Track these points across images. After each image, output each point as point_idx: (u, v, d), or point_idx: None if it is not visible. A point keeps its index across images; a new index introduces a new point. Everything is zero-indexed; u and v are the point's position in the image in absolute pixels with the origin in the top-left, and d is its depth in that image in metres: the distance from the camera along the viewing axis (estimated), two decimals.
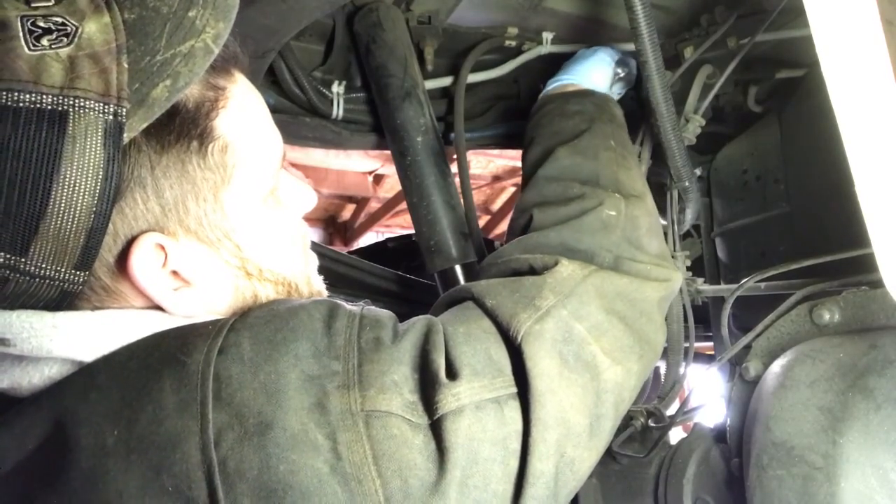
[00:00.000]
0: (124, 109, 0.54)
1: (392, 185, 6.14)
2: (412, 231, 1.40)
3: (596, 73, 1.18)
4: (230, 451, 0.52)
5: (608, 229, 0.85)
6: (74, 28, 0.54)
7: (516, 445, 0.62)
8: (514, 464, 0.62)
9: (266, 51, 1.12)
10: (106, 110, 0.53)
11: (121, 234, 0.60)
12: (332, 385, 0.57)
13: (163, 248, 0.62)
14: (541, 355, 0.65)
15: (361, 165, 5.70)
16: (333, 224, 7.32)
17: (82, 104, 0.52)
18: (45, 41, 0.53)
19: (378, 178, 6.15)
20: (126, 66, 0.54)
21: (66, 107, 0.52)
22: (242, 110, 0.66)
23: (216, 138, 0.63)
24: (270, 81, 1.33)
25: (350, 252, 2.02)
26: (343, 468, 0.54)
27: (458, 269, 1.28)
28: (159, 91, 0.55)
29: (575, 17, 1.38)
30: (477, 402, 0.61)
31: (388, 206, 6.40)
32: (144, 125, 0.55)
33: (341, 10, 1.31)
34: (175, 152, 0.60)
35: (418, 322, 0.68)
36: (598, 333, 0.72)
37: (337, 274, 1.66)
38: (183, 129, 0.60)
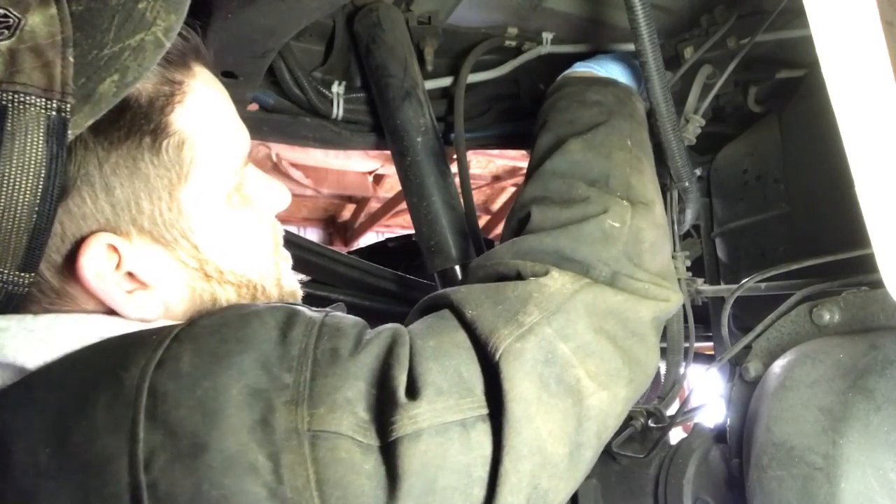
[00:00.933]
0: (68, 105, 0.52)
1: (392, 185, 6.14)
2: (412, 231, 1.40)
3: (624, 68, 1.13)
4: (161, 474, 0.49)
5: (609, 241, 0.78)
6: (17, 20, 0.52)
7: (482, 473, 0.57)
8: (479, 493, 0.57)
9: (266, 51, 1.12)
10: (49, 106, 0.51)
11: (69, 234, 0.58)
12: (280, 400, 0.53)
13: (115, 249, 0.60)
14: (519, 377, 0.60)
15: (361, 165, 5.70)
16: (333, 224, 7.32)
17: (22, 99, 0.50)
18: None
19: (378, 178, 6.15)
20: (72, 59, 0.53)
21: (4, 102, 0.50)
22: (201, 105, 0.64)
23: (171, 134, 0.61)
24: (270, 81, 1.33)
25: (350, 252, 2.02)
26: (283, 493, 0.50)
27: (458, 269, 1.28)
28: (107, 86, 0.53)
29: (575, 17, 1.38)
30: (438, 424, 0.56)
31: (388, 206, 6.40)
32: (91, 121, 0.53)
33: (341, 11, 1.31)
34: (126, 149, 0.58)
35: (384, 332, 0.63)
36: (584, 355, 0.66)
37: (337, 274, 1.67)
38: (134, 124, 0.58)
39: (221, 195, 0.66)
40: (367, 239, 6.83)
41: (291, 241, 1.63)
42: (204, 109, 0.65)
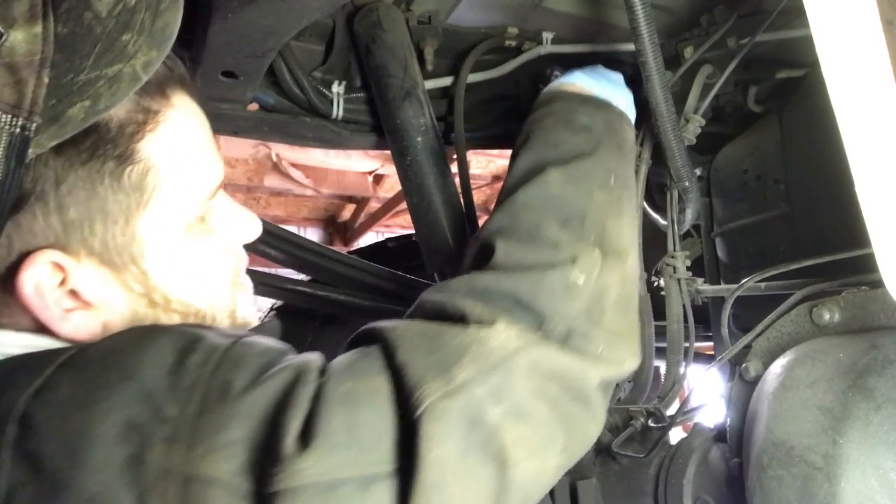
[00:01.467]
0: (34, 124, 0.52)
1: (392, 185, 6.13)
2: (412, 231, 1.40)
3: (621, 85, 1.07)
4: None
5: (571, 295, 0.71)
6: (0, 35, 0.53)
7: None
8: None
9: (266, 51, 1.12)
10: (13, 123, 0.52)
11: (16, 247, 0.58)
12: (158, 435, 0.49)
13: (61, 267, 0.60)
14: (439, 438, 0.55)
15: (361, 165, 5.70)
16: (333, 224, 7.32)
17: None
18: None
19: (378, 178, 6.15)
20: (46, 80, 0.53)
21: None
22: (175, 135, 0.64)
23: (137, 161, 0.61)
24: (270, 81, 1.33)
25: (350, 252, 2.02)
26: None
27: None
28: (76, 110, 0.53)
29: (575, 17, 1.38)
30: (327, 481, 0.51)
31: (388, 206, 6.40)
32: (54, 142, 0.54)
33: (341, 10, 1.31)
34: (86, 171, 0.59)
35: (289, 367, 0.57)
36: (516, 420, 0.61)
37: (337, 274, 1.66)
38: (98, 148, 0.59)
39: (181, 225, 0.66)
40: (367, 239, 6.83)
41: (291, 241, 1.63)
42: (176, 139, 0.65)
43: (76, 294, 0.62)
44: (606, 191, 0.83)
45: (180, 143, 0.65)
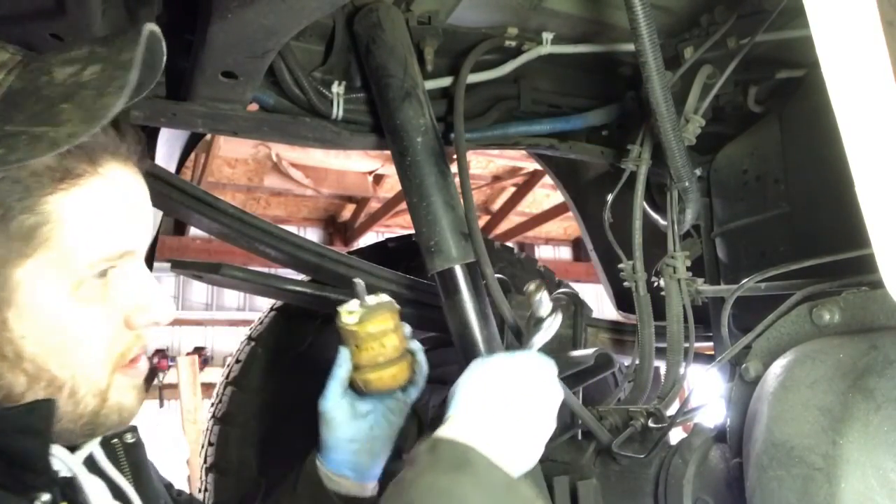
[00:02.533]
0: None
1: (392, 185, 6.14)
2: (412, 231, 1.40)
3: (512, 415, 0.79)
4: None
5: None
6: None
7: None
8: None
9: (266, 51, 1.12)
10: None
11: None
12: None
13: None
14: None
15: (361, 165, 5.70)
16: (333, 224, 7.32)
17: None
18: None
19: (378, 178, 6.16)
20: None
21: None
22: (87, 200, 0.65)
23: (36, 213, 0.62)
24: (270, 81, 1.33)
25: (350, 252, 2.02)
26: None
27: (457, 269, 1.28)
28: None
29: (575, 17, 1.38)
30: None
31: (388, 206, 6.40)
32: None
33: (341, 11, 1.31)
34: None
35: None
36: None
37: (337, 274, 1.66)
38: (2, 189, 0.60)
39: (67, 283, 0.64)
40: (367, 239, 6.83)
41: (291, 241, 1.63)
42: (88, 204, 0.65)
43: None
44: None
45: (90, 208, 0.65)
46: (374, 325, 0.98)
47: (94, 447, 0.74)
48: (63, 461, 0.68)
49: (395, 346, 1.00)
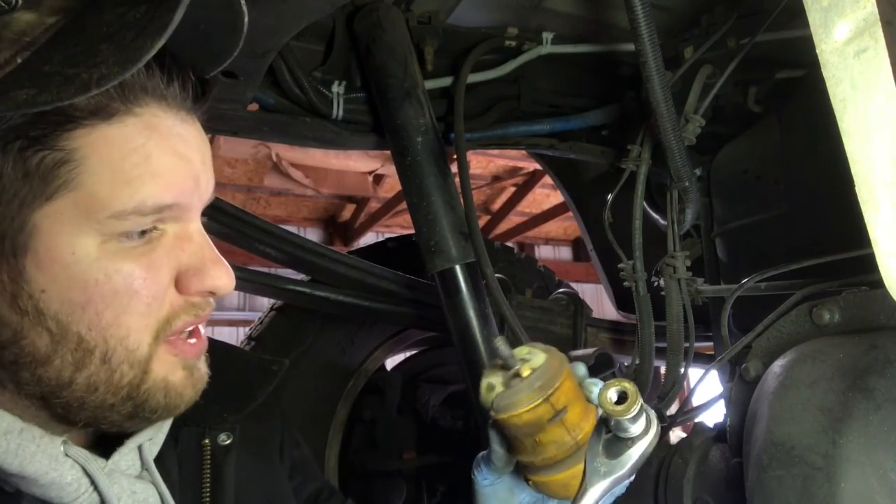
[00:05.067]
0: None
1: (392, 185, 6.14)
2: (412, 231, 1.40)
3: None
4: None
5: None
6: (9, 9, 0.52)
7: None
8: None
9: (266, 51, 1.12)
10: None
11: None
12: None
13: None
14: None
15: (361, 165, 5.70)
16: (333, 224, 7.32)
17: None
18: None
19: (378, 178, 6.15)
20: (19, 61, 0.52)
21: None
22: (118, 140, 0.58)
23: (54, 149, 0.56)
24: (270, 81, 1.33)
25: (350, 252, 2.02)
26: None
27: (457, 268, 1.28)
28: (20, 94, 0.51)
29: (575, 17, 1.39)
30: None
31: (388, 206, 6.40)
32: None
33: (341, 10, 1.31)
34: None
35: None
36: None
37: (337, 274, 1.67)
38: (15, 124, 0.55)
39: (93, 232, 0.57)
40: (367, 239, 6.83)
41: (291, 241, 1.63)
42: (118, 144, 0.58)
43: None
44: None
45: (119, 150, 0.58)
46: (520, 416, 0.67)
47: (147, 443, 0.66)
48: (82, 466, 0.60)
49: (561, 443, 0.69)
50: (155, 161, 0.60)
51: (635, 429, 0.64)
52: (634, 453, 0.64)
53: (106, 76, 0.51)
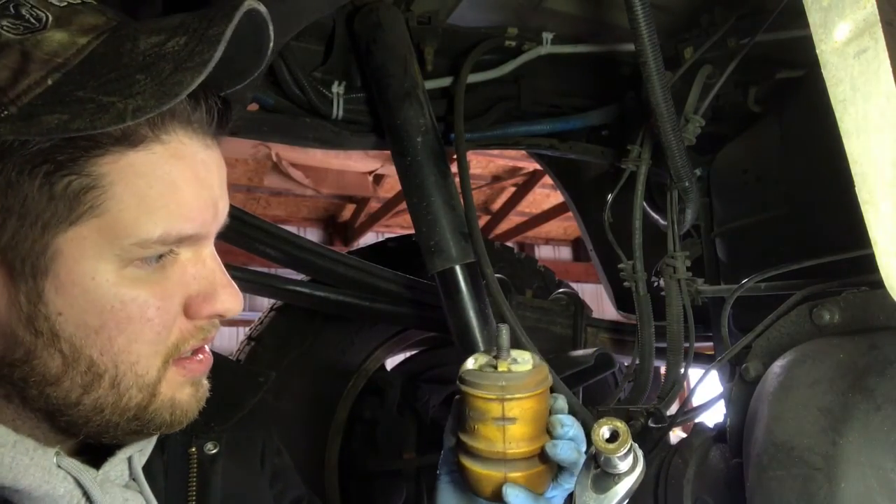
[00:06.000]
0: (5, 112, 0.51)
1: (392, 185, 6.13)
2: (412, 231, 1.40)
3: None
4: None
5: None
6: (40, 27, 0.52)
7: None
8: None
9: None
10: None
11: None
12: None
13: None
14: None
15: (361, 165, 5.69)
16: (333, 224, 7.32)
17: None
18: (5, 21, 0.52)
19: (378, 178, 6.15)
20: (50, 83, 0.52)
21: None
22: (145, 168, 0.58)
23: (82, 175, 0.55)
24: (270, 81, 1.33)
25: (350, 252, 2.02)
26: None
27: (457, 268, 1.28)
28: (51, 119, 0.51)
29: (575, 17, 1.39)
30: None
31: (388, 206, 6.40)
32: (12, 137, 0.51)
33: (341, 11, 1.31)
34: (14, 163, 0.54)
35: None
36: None
37: (337, 274, 1.67)
38: (43, 147, 0.54)
39: (113, 258, 0.58)
40: (367, 239, 6.83)
41: (291, 241, 1.63)
42: (146, 173, 0.58)
43: None
44: None
45: (146, 178, 0.58)
46: (473, 397, 0.70)
47: (136, 454, 0.67)
48: (73, 476, 0.61)
49: (492, 443, 0.71)
50: (180, 190, 0.60)
51: (623, 465, 0.67)
52: (621, 489, 0.66)
53: (142, 108, 0.51)
